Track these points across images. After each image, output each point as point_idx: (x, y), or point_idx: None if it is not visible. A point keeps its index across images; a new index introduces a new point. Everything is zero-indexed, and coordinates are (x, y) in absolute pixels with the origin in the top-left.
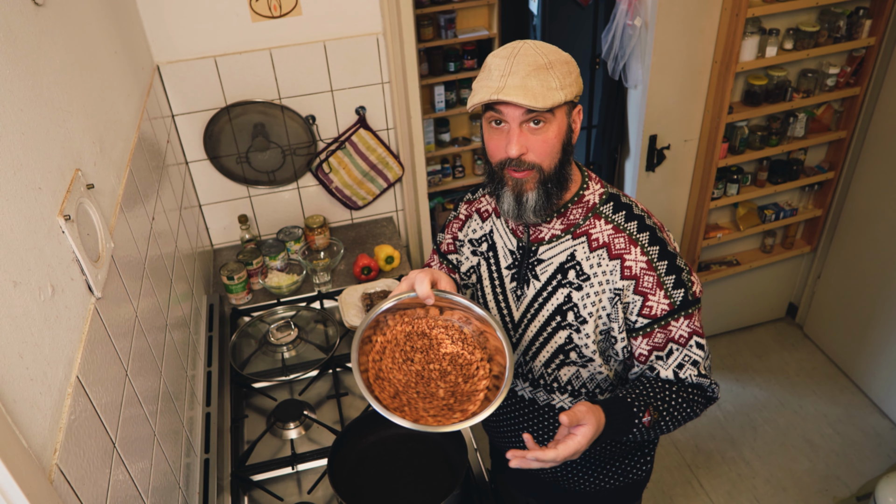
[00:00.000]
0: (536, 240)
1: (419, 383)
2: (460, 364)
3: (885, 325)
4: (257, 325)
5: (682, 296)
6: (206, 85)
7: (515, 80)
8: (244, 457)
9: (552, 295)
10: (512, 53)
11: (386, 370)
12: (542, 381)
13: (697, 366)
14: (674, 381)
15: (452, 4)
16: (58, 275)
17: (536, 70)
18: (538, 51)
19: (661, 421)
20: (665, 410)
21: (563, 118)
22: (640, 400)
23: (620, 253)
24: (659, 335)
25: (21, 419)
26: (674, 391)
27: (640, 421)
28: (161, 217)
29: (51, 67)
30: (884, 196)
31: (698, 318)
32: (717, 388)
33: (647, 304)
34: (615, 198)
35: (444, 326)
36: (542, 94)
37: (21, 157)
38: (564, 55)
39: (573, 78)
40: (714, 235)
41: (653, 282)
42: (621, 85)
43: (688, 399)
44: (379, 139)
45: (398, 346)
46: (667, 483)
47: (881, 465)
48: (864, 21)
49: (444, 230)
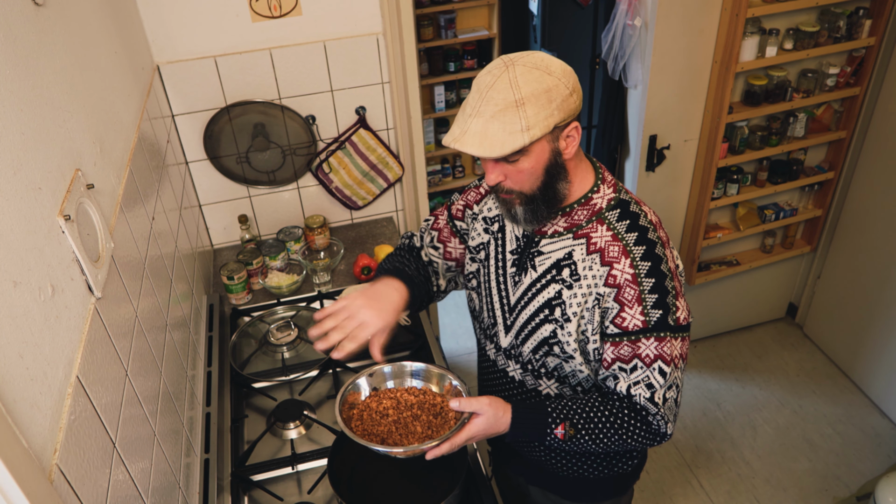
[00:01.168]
0: (540, 232)
1: (398, 430)
2: (427, 407)
3: (885, 325)
4: (257, 325)
5: (659, 317)
6: (206, 85)
7: (478, 124)
8: (244, 457)
9: (545, 288)
10: (489, 84)
11: (369, 428)
12: (531, 365)
13: (652, 390)
14: (624, 396)
15: (452, 4)
16: (58, 275)
17: (503, 111)
18: (514, 83)
19: (578, 437)
20: (586, 430)
21: (542, 147)
22: (560, 412)
23: (611, 261)
24: (626, 348)
25: (21, 419)
26: (605, 413)
27: (552, 432)
28: (161, 217)
29: (51, 67)
30: (884, 196)
31: (675, 345)
32: (668, 424)
33: (622, 314)
34: (624, 204)
35: (405, 389)
36: (501, 140)
37: (21, 157)
38: (547, 82)
39: (554, 107)
40: (714, 235)
41: (633, 295)
42: (621, 85)
43: (620, 424)
44: (379, 139)
45: (371, 411)
46: (667, 483)
47: (881, 465)
48: (864, 21)
49: (462, 194)
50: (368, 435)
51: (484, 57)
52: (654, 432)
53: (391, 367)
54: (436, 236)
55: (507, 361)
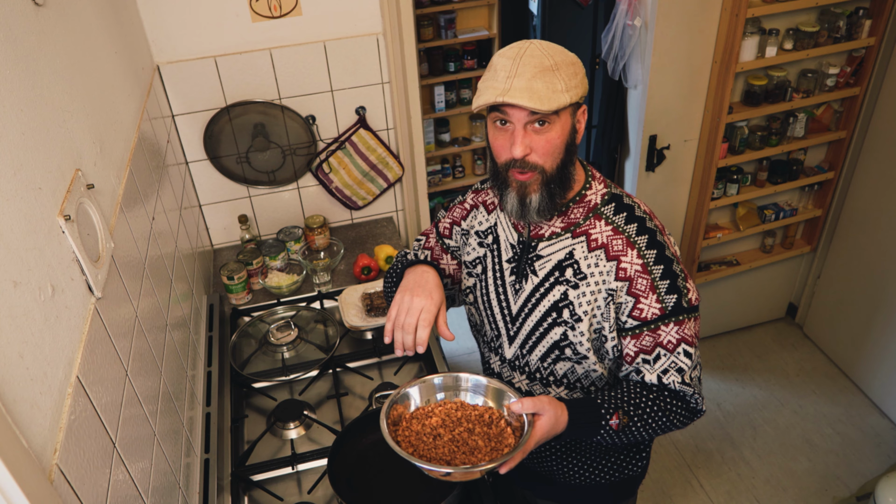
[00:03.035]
0: (536, 236)
1: (459, 450)
2: (474, 417)
3: (885, 325)
4: (257, 325)
5: (675, 301)
6: (207, 85)
7: (521, 81)
8: (244, 457)
9: (549, 291)
10: (518, 54)
11: (424, 451)
12: (539, 374)
13: (682, 374)
14: (657, 386)
15: (452, 4)
16: (58, 275)
17: (542, 72)
18: (544, 52)
19: (631, 426)
20: (637, 416)
21: (567, 119)
22: (611, 403)
23: (617, 255)
24: (647, 338)
25: (21, 419)
26: (651, 398)
27: (608, 423)
28: (161, 217)
29: (51, 67)
30: (884, 196)
31: (691, 326)
32: (702, 400)
33: (639, 306)
34: (617, 198)
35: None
36: (548, 96)
37: (21, 157)
38: (570, 56)
39: (579, 79)
40: (714, 235)
41: (646, 285)
42: (621, 85)
43: (665, 408)
44: (379, 139)
45: (420, 433)
46: (667, 483)
47: (881, 465)
48: (863, 21)
49: (447, 211)
50: (430, 459)
51: (484, 57)
52: (694, 411)
53: (441, 379)
54: (428, 255)
55: (512, 373)
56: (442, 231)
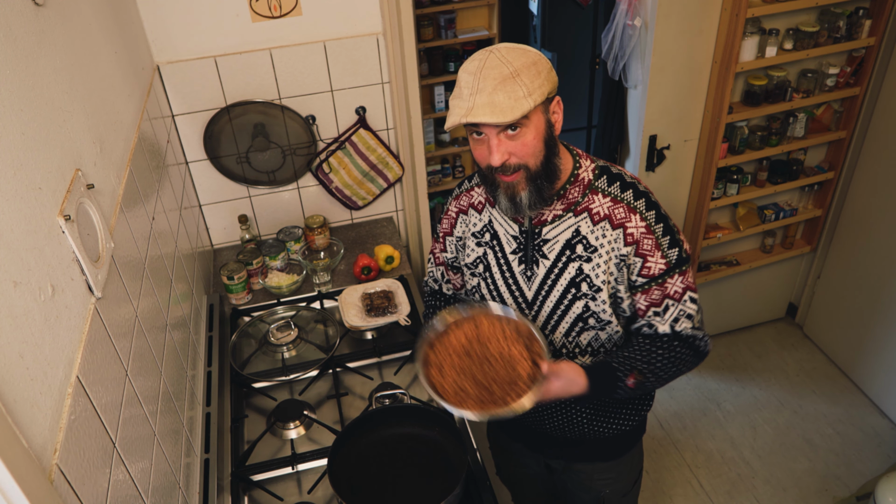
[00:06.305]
0: (539, 222)
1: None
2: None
3: (885, 325)
4: (257, 325)
5: (677, 255)
6: (207, 85)
7: (483, 97)
8: (244, 457)
9: (564, 270)
10: (479, 68)
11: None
12: (564, 349)
13: (692, 319)
14: (668, 335)
15: (452, 4)
16: (58, 275)
17: (502, 83)
18: (503, 60)
19: (645, 381)
20: (650, 371)
21: (539, 118)
22: (624, 364)
23: (622, 222)
24: (656, 292)
25: (21, 419)
26: (661, 353)
27: (624, 383)
28: (161, 217)
29: (51, 67)
30: (884, 196)
31: (691, 273)
32: (709, 341)
33: (647, 264)
34: (606, 170)
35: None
36: (510, 106)
37: (21, 157)
38: (532, 55)
39: (543, 77)
40: (714, 235)
41: (651, 244)
42: (621, 85)
43: (674, 358)
44: (379, 139)
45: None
46: (667, 483)
47: (881, 465)
48: (863, 21)
49: (438, 238)
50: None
51: None
52: (701, 353)
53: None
54: (443, 270)
55: None
56: (442, 261)
